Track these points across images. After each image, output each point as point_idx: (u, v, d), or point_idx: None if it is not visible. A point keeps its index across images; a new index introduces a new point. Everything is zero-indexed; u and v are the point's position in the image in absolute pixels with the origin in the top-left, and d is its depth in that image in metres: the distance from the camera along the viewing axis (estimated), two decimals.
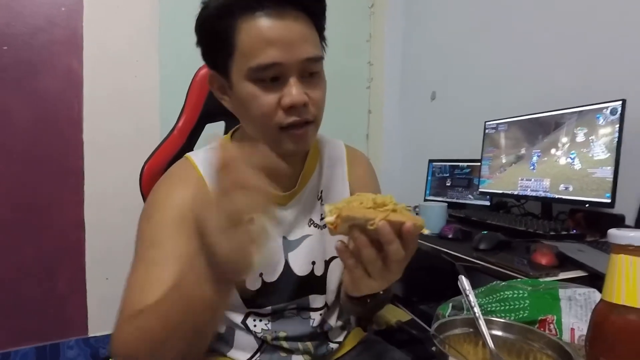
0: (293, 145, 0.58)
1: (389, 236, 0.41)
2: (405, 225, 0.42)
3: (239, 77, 0.55)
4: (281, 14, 0.52)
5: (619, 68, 1.21)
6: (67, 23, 1.68)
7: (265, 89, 0.54)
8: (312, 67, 0.56)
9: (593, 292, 0.52)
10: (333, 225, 0.43)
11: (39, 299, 1.68)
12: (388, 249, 0.42)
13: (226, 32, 0.54)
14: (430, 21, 2.02)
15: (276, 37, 0.52)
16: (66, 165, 1.70)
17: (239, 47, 0.53)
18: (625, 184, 1.02)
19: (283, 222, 0.65)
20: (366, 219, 0.42)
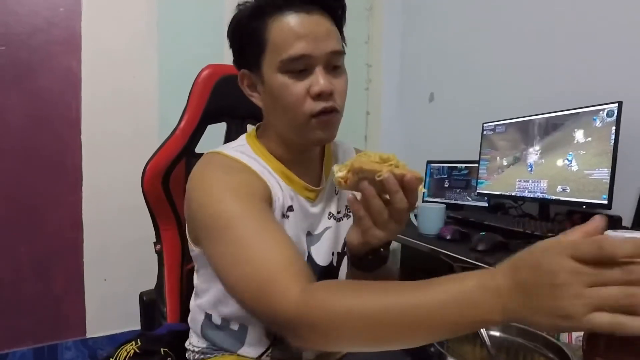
0: (322, 132, 0.62)
1: (394, 186, 0.48)
2: (406, 176, 0.48)
3: (271, 71, 0.60)
4: (307, 12, 0.59)
5: (615, 70, 1.21)
6: (65, 23, 1.67)
7: (295, 79, 0.59)
8: (336, 61, 0.62)
9: None
10: (344, 179, 0.50)
11: (36, 300, 1.68)
12: (393, 197, 0.48)
13: (258, 31, 0.60)
14: (428, 23, 2.02)
15: (304, 32, 0.58)
16: (64, 165, 1.70)
17: (270, 43, 0.59)
18: (622, 185, 1.03)
19: (312, 217, 0.68)
20: (374, 170, 0.48)
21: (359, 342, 0.42)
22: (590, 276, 0.31)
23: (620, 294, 0.30)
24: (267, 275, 0.46)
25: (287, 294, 0.44)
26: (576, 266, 0.32)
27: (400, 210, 0.49)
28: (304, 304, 0.43)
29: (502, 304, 0.35)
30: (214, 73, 0.87)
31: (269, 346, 0.66)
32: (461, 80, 1.84)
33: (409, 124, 2.16)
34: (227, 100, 0.86)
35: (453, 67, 1.87)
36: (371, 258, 0.56)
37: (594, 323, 0.31)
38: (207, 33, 1.95)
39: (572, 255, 0.32)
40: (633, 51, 1.17)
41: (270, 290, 0.45)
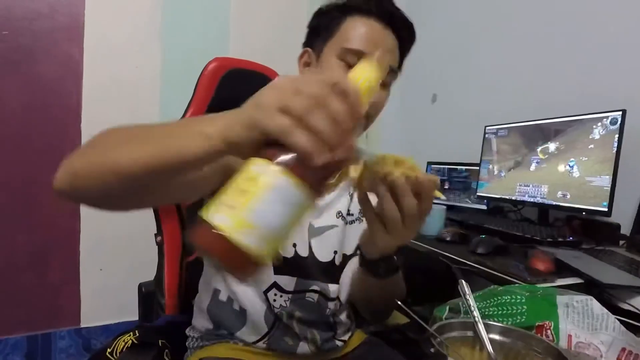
0: None
1: (405, 189, 0.46)
2: (420, 178, 0.47)
3: (330, 54, 0.66)
4: (383, 25, 0.66)
5: (620, 78, 1.22)
6: (68, 10, 1.66)
7: (345, 69, 0.64)
8: (387, 76, 0.67)
9: (590, 299, 0.53)
10: (358, 179, 0.49)
11: (32, 288, 1.67)
12: (403, 200, 0.47)
13: (336, 21, 0.67)
14: (431, 24, 2.02)
15: (372, 37, 0.65)
16: (63, 154, 1.63)
17: (340, 32, 0.66)
18: (622, 193, 1.03)
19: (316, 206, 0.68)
20: (387, 173, 0.47)
21: (91, 159, 0.43)
22: (293, 83, 0.33)
23: (310, 104, 0.32)
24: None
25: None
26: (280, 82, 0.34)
27: (411, 216, 0.47)
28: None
29: (215, 117, 0.37)
30: (221, 66, 0.86)
31: (266, 334, 0.67)
32: (464, 82, 1.84)
33: (410, 125, 2.16)
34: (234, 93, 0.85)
35: (456, 69, 1.86)
36: (383, 264, 0.56)
37: (276, 120, 0.32)
38: (212, 26, 1.94)
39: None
40: (639, 59, 1.17)
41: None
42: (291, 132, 0.31)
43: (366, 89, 0.40)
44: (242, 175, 0.33)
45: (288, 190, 0.32)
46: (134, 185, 0.41)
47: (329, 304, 0.70)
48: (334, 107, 0.32)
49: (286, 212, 0.32)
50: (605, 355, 0.45)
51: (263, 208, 0.31)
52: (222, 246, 0.30)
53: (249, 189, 0.32)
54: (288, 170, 0.32)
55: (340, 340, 0.73)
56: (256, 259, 0.31)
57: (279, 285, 0.67)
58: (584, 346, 0.47)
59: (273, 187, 0.32)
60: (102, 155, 0.42)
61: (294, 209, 0.33)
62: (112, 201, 0.45)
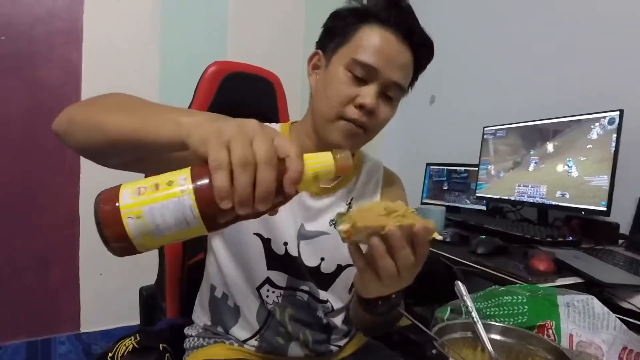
0: (341, 138, 0.63)
1: (400, 241, 0.43)
2: (415, 227, 0.43)
3: (339, 62, 0.64)
4: (398, 39, 0.62)
5: (617, 79, 1.22)
6: (67, 14, 1.66)
7: (352, 82, 0.62)
8: (393, 92, 0.64)
9: (591, 299, 0.53)
10: (347, 234, 0.44)
11: (31, 293, 1.66)
12: (398, 254, 0.43)
13: (351, 27, 0.64)
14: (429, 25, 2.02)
15: (385, 50, 0.62)
16: (62, 159, 1.68)
17: (354, 40, 0.63)
18: (621, 192, 1.03)
19: (308, 209, 0.69)
20: (380, 226, 0.43)
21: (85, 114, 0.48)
22: (254, 133, 0.36)
23: (247, 160, 0.34)
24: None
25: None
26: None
27: (407, 267, 0.44)
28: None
29: (194, 113, 0.41)
30: (221, 70, 0.86)
31: (258, 331, 0.68)
32: (462, 83, 1.85)
33: (409, 126, 2.16)
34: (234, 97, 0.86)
35: (454, 71, 1.87)
36: (380, 304, 0.53)
37: (216, 151, 0.34)
38: (210, 30, 1.94)
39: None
40: (635, 61, 1.18)
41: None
42: (217, 169, 0.34)
43: (310, 177, 0.39)
44: (170, 174, 0.37)
45: (187, 210, 0.35)
46: (116, 147, 0.45)
47: (319, 306, 0.69)
48: (263, 176, 0.35)
49: (174, 225, 0.35)
50: (607, 354, 0.45)
51: (158, 210, 0.34)
52: (112, 216, 0.34)
53: (161, 188, 0.35)
54: (200, 193, 0.35)
55: (335, 345, 0.73)
56: (129, 243, 0.35)
57: (271, 280, 0.67)
58: (585, 345, 0.47)
59: (177, 201, 0.35)
60: (96, 113, 0.47)
61: (183, 227, 0.35)
62: (96, 154, 0.49)
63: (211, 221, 0.36)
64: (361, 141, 0.67)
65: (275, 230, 0.66)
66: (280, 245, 0.67)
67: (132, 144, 0.43)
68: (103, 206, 0.35)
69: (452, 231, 1.14)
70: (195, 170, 0.36)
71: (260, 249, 0.67)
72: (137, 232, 0.35)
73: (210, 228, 0.37)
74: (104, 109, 0.47)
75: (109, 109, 0.47)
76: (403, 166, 2.21)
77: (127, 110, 0.46)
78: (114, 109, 0.47)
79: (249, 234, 0.66)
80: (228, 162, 0.34)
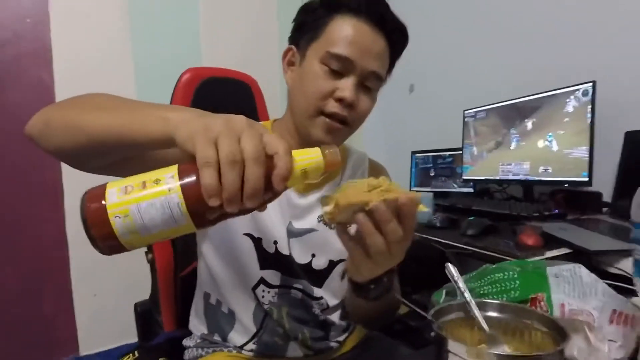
0: (322, 133, 0.63)
1: (386, 215, 0.42)
2: (400, 199, 0.42)
3: (314, 57, 0.63)
4: (372, 27, 0.61)
5: (588, 51, 1.25)
6: (34, 35, 1.62)
7: (328, 76, 0.61)
8: (372, 82, 0.64)
9: (578, 267, 0.54)
10: (331, 215, 0.43)
11: (25, 321, 1.63)
12: (385, 228, 0.42)
13: (323, 19, 0.63)
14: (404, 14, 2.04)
15: (359, 40, 0.61)
16: (43, 181, 1.65)
17: (326, 34, 0.62)
18: (601, 162, 1.06)
19: (296, 207, 0.68)
20: (363, 202, 0.42)
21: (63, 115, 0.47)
22: (242, 130, 0.36)
23: (235, 158, 0.34)
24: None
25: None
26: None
27: (396, 241, 0.43)
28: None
29: (181, 110, 0.41)
30: (195, 76, 0.85)
31: (255, 334, 0.68)
32: (439, 69, 1.87)
33: (391, 116, 2.18)
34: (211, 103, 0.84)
35: (431, 58, 1.89)
36: (373, 287, 0.52)
37: (204, 148, 0.34)
38: (183, 37, 1.92)
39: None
40: (603, 33, 1.21)
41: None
42: (205, 166, 0.34)
43: (299, 173, 0.39)
44: (156, 172, 0.36)
45: (174, 209, 0.34)
46: (99, 147, 0.44)
47: (313, 303, 0.69)
48: (251, 173, 0.34)
49: (162, 224, 0.35)
50: (598, 319, 0.46)
51: (146, 209, 0.34)
52: (98, 215, 0.34)
53: (148, 187, 0.35)
54: (188, 191, 0.35)
55: (335, 341, 0.73)
56: (116, 242, 0.35)
57: (265, 280, 0.67)
58: (577, 313, 0.48)
59: (164, 199, 0.34)
60: (77, 113, 0.45)
61: (171, 224, 0.35)
62: (76, 156, 0.48)
63: (199, 219, 0.36)
64: (344, 135, 0.66)
65: (265, 229, 0.66)
66: (270, 244, 0.67)
67: (117, 142, 0.42)
68: (89, 205, 0.35)
69: (441, 216, 1.15)
70: (183, 167, 0.36)
71: (252, 249, 0.66)
72: (124, 231, 0.34)
73: (199, 225, 0.36)
74: (84, 108, 0.46)
75: (90, 108, 0.46)
76: (389, 157, 2.23)
77: (110, 109, 0.44)
78: (96, 108, 0.45)
79: (239, 235, 0.66)
80: (216, 160, 0.34)
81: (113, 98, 0.48)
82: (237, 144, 0.34)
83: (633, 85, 1.13)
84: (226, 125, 0.35)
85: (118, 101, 0.46)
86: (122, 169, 0.50)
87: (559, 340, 0.42)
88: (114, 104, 0.46)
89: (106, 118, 0.43)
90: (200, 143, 0.34)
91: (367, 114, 0.66)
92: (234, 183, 0.34)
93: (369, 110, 0.66)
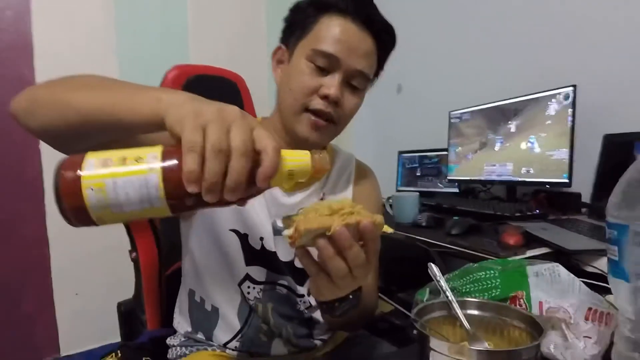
0: (307, 130, 0.64)
1: (347, 241, 0.40)
2: (362, 223, 0.41)
3: (300, 54, 0.64)
4: (359, 27, 0.62)
5: (569, 56, 1.28)
6: (14, 27, 1.58)
7: (314, 73, 0.62)
8: (358, 81, 0.64)
9: (557, 266, 0.55)
10: (292, 239, 0.41)
11: (4, 321, 1.58)
12: (347, 254, 0.41)
13: (310, 19, 0.64)
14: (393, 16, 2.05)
15: (346, 39, 0.62)
16: (23, 178, 1.61)
17: (313, 32, 0.63)
18: (580, 163, 1.09)
19: (281, 206, 0.69)
20: (324, 227, 0.40)
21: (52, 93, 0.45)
22: (233, 120, 0.35)
23: (221, 147, 0.33)
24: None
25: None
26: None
27: (359, 266, 0.42)
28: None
29: (174, 92, 0.40)
30: (182, 74, 0.85)
31: (239, 331, 0.68)
32: (426, 70, 1.89)
33: (378, 116, 2.19)
34: None
35: (418, 58, 1.91)
36: (337, 305, 0.50)
37: (191, 133, 0.33)
38: (170, 33, 1.89)
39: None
40: (584, 38, 1.24)
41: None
42: (190, 151, 0.33)
43: (285, 174, 0.38)
44: (140, 149, 0.35)
45: (152, 190, 0.34)
46: (88, 127, 0.42)
47: (298, 300, 0.70)
48: (234, 165, 0.34)
49: (137, 203, 0.34)
50: (574, 316, 0.47)
51: (122, 185, 0.33)
52: (71, 185, 0.33)
53: (128, 163, 0.34)
54: (168, 173, 0.34)
55: (319, 339, 0.73)
56: (86, 215, 0.34)
57: (251, 276, 0.67)
58: (554, 310, 0.49)
59: (142, 178, 0.33)
60: (66, 91, 0.44)
61: (146, 205, 0.34)
62: (61, 137, 0.45)
63: (176, 203, 0.35)
64: (330, 133, 0.66)
65: (252, 225, 0.66)
66: (257, 240, 0.67)
67: (107, 122, 0.41)
68: (64, 173, 0.33)
69: (427, 215, 1.17)
70: (167, 149, 0.35)
71: (238, 245, 0.66)
72: (96, 204, 0.33)
73: (174, 210, 0.36)
74: (74, 86, 0.45)
75: (81, 86, 0.44)
76: (376, 156, 2.24)
77: (101, 87, 0.44)
78: (86, 86, 0.44)
79: (225, 230, 0.66)
80: (201, 146, 0.33)
81: (104, 78, 0.47)
82: (225, 133, 0.34)
83: (612, 90, 1.16)
84: (218, 113, 0.35)
85: (109, 81, 0.45)
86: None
87: (537, 336, 0.43)
88: (106, 84, 0.45)
89: (97, 96, 0.42)
90: (188, 127, 0.34)
91: (353, 113, 0.67)
92: (215, 173, 0.33)
93: (355, 108, 0.67)
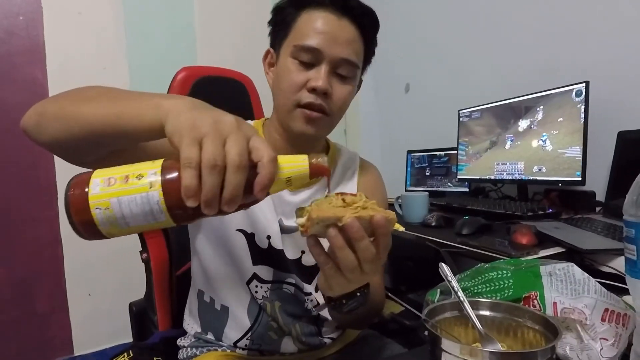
0: (302, 124, 0.64)
1: (358, 232, 0.41)
2: (374, 217, 0.41)
3: (285, 53, 0.65)
4: (338, 16, 0.63)
5: (581, 52, 1.26)
6: (26, 32, 1.61)
7: (301, 68, 0.63)
8: (345, 70, 0.64)
9: (571, 266, 0.54)
10: (304, 228, 0.42)
11: (19, 322, 1.61)
12: (358, 245, 0.41)
13: (290, 17, 0.65)
14: (400, 15, 2.04)
15: (326, 30, 0.62)
16: (37, 180, 1.63)
17: (294, 29, 0.64)
18: (594, 161, 1.07)
19: (286, 204, 0.69)
20: (336, 217, 0.41)
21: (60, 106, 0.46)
22: (229, 132, 0.36)
23: (217, 161, 0.34)
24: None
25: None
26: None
27: (369, 260, 0.42)
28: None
29: (177, 98, 0.41)
30: (191, 75, 0.85)
31: (249, 329, 0.68)
32: (435, 69, 1.87)
33: (387, 116, 2.18)
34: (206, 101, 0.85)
35: (426, 57, 1.89)
36: (345, 302, 0.51)
37: (188, 147, 0.34)
38: (178, 36, 1.91)
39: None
40: (597, 33, 1.22)
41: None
42: (187, 168, 0.34)
43: (283, 181, 0.39)
44: (141, 166, 0.37)
45: (154, 205, 0.36)
46: (95, 138, 0.44)
47: (306, 298, 0.70)
48: (231, 179, 0.34)
49: (141, 218, 0.36)
50: (590, 317, 0.46)
51: (126, 202, 0.35)
52: (80, 204, 0.35)
53: (131, 181, 0.36)
54: (168, 190, 0.35)
55: (328, 337, 0.73)
56: (96, 230, 0.36)
57: (258, 276, 0.68)
58: (569, 311, 0.48)
59: (145, 195, 0.35)
60: (73, 104, 0.45)
61: (150, 219, 0.36)
62: (71, 148, 0.47)
63: (178, 216, 0.37)
64: (324, 125, 0.66)
65: (258, 224, 0.66)
66: (263, 240, 0.67)
67: (112, 132, 0.42)
68: (73, 192, 0.36)
69: (437, 215, 1.15)
70: (166, 164, 0.37)
71: (245, 245, 0.67)
72: (104, 221, 0.36)
73: (178, 222, 0.38)
74: (81, 99, 0.46)
75: (87, 99, 0.46)
76: (385, 156, 2.24)
77: (107, 99, 0.45)
78: (92, 99, 0.45)
79: (232, 230, 0.66)
80: (198, 161, 0.34)
81: (110, 89, 0.48)
82: (221, 147, 0.34)
83: (626, 86, 1.14)
84: (214, 125, 0.35)
85: (115, 92, 0.47)
86: (116, 164, 0.49)
87: (552, 338, 0.42)
88: (111, 95, 0.46)
89: (102, 108, 0.43)
90: (184, 142, 0.34)
91: (346, 102, 0.67)
92: (212, 187, 0.34)
93: (347, 97, 0.66)
